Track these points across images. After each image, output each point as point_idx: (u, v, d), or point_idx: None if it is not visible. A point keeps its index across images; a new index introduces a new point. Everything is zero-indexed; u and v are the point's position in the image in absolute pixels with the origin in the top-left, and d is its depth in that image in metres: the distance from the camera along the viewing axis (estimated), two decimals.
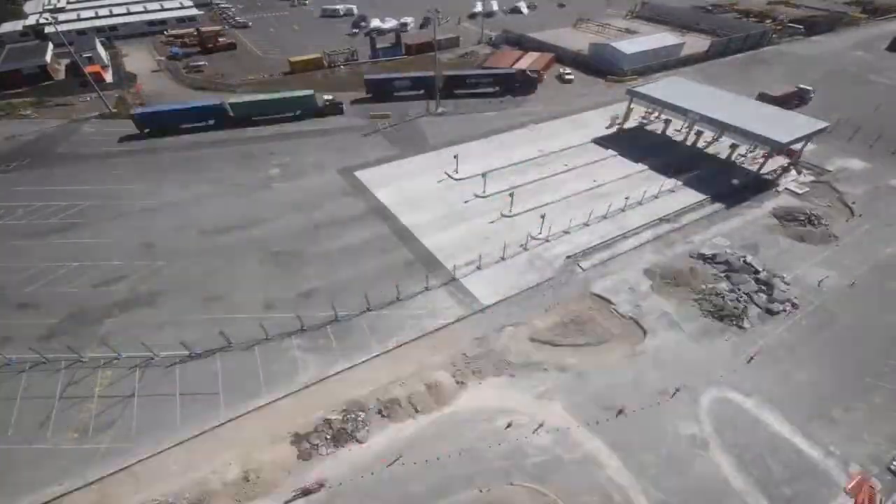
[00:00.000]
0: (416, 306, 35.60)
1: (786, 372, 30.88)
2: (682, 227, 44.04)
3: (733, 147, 54.08)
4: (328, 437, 27.11)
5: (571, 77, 77.81)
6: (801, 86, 69.43)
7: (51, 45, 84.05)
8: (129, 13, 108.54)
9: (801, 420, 28.05)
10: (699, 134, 56.77)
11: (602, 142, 58.31)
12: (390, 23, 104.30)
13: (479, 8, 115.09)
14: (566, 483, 25.14)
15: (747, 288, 36.70)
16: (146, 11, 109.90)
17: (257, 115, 63.72)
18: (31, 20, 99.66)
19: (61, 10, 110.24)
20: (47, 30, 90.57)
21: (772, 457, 26.28)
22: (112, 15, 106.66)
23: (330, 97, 65.69)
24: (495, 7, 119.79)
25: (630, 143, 57.63)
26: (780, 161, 51.99)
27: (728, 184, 49.33)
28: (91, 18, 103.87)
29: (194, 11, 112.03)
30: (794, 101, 66.80)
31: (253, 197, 48.67)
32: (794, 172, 51.78)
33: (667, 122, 59.70)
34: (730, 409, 28.69)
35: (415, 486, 25.05)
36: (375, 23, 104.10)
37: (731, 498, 24.65)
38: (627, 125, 61.97)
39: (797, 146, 51.44)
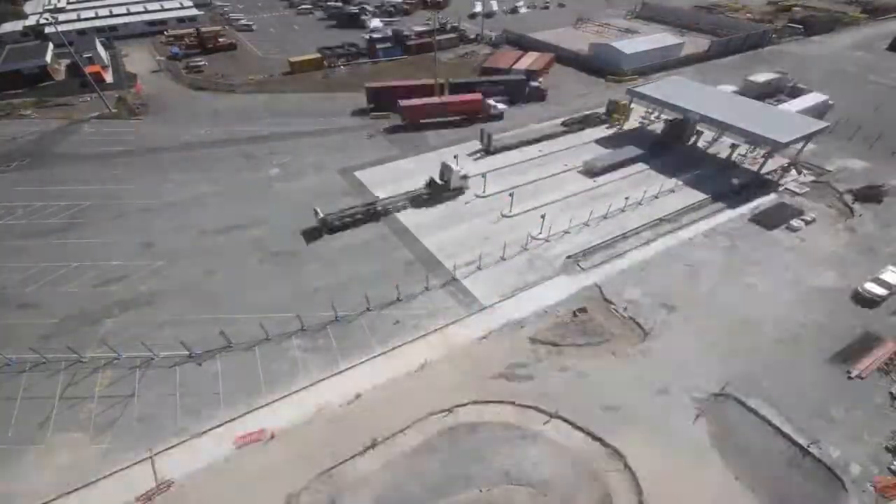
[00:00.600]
0: (416, 306, 35.61)
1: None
2: (682, 227, 44.06)
3: (733, 147, 54.16)
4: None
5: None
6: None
7: (51, 46, 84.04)
8: (129, 13, 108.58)
9: (802, 419, 28.09)
10: (699, 134, 56.76)
11: (602, 142, 58.40)
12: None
13: (478, 8, 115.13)
14: (566, 483, 25.16)
15: None
16: (146, 12, 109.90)
17: None
18: (31, 20, 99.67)
19: (61, 10, 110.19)
20: (47, 30, 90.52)
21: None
22: (112, 15, 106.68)
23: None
24: (495, 7, 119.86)
25: (630, 143, 57.55)
26: (780, 161, 51.96)
27: (728, 183, 49.32)
28: (91, 19, 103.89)
29: (194, 12, 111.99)
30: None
31: (253, 197, 48.67)
32: (794, 172, 51.74)
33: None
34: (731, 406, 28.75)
35: (413, 486, 25.07)
36: (375, 23, 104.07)
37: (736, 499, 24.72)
38: (627, 125, 62.06)
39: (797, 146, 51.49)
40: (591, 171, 51.17)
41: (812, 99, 63.58)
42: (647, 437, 27.14)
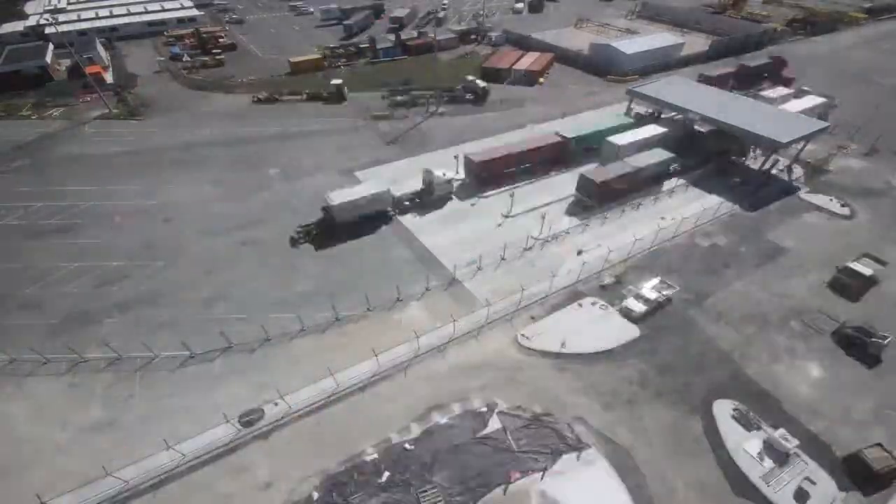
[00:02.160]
0: (416, 306, 35.60)
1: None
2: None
3: None
4: None
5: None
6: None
7: (51, 46, 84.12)
8: (130, 14, 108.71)
9: None
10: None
11: None
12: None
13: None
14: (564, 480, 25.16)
15: None
16: (146, 12, 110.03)
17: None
18: (31, 21, 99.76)
19: (62, 10, 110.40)
20: (48, 30, 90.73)
21: None
22: (112, 16, 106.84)
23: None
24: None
25: None
26: (780, 161, 51.86)
27: (730, 183, 49.27)
28: (91, 19, 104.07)
29: (194, 12, 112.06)
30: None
31: (253, 197, 48.65)
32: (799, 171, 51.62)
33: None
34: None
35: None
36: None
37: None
38: None
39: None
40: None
41: (810, 101, 60.78)
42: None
